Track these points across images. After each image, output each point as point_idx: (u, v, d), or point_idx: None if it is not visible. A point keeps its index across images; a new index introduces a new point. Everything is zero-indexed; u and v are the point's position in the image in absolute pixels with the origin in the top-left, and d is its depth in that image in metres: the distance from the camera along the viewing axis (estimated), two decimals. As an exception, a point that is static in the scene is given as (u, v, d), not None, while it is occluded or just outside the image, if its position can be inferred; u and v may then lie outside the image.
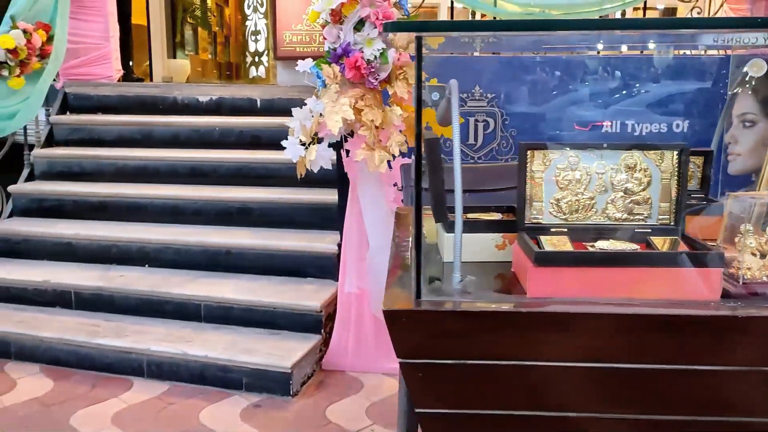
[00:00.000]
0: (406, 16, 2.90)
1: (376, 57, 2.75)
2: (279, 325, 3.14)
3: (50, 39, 3.97)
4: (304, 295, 3.20)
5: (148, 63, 6.80)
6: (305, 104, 2.90)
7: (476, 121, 3.96)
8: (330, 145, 2.83)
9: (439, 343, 0.89)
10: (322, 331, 3.12)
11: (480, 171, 3.09)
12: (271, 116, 4.40)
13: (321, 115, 2.81)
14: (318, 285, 3.32)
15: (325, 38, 2.87)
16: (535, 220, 1.05)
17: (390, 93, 2.80)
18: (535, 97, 4.20)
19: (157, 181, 4.01)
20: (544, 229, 1.04)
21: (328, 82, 2.79)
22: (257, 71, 5.80)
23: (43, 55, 3.94)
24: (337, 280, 3.37)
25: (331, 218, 3.58)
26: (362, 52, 2.76)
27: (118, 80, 4.74)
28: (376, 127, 2.76)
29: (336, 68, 2.79)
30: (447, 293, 0.99)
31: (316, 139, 2.84)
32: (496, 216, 1.28)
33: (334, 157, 2.88)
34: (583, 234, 1.02)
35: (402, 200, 2.80)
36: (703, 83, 4.05)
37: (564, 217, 1.05)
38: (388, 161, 2.78)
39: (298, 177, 2.90)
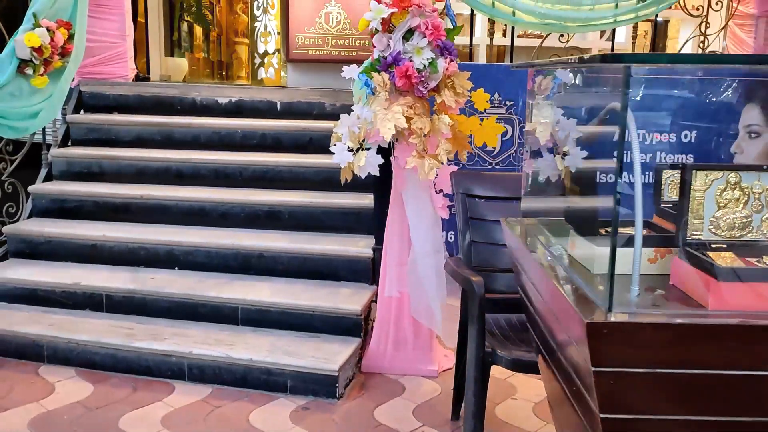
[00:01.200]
0: (453, 26, 2.96)
1: (425, 66, 2.81)
2: (317, 329, 3.17)
3: (71, 37, 3.90)
4: (341, 298, 3.23)
5: (145, 61, 6.73)
6: (352, 110, 2.94)
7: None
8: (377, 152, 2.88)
9: (634, 352, 0.95)
10: (361, 334, 3.16)
11: (514, 179, 3.16)
12: (291, 119, 4.42)
13: (369, 121, 2.86)
14: (353, 288, 3.35)
15: (374, 46, 2.92)
16: (695, 237, 1.12)
17: (438, 101, 2.85)
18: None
19: (181, 182, 3.99)
20: (704, 246, 1.11)
21: (377, 90, 2.83)
22: (266, 72, 5.80)
23: (64, 54, 3.87)
24: (371, 284, 3.43)
25: (363, 222, 3.63)
26: (411, 61, 2.82)
27: (132, 80, 4.69)
28: (425, 135, 2.81)
29: (386, 76, 2.84)
30: (629, 305, 1.06)
31: (364, 146, 2.89)
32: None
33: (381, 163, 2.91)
34: (742, 250, 1.09)
35: (452, 208, 2.85)
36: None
37: (722, 234, 1.12)
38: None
39: (342, 182, 2.94)
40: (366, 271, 3.41)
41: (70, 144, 4.28)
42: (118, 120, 4.32)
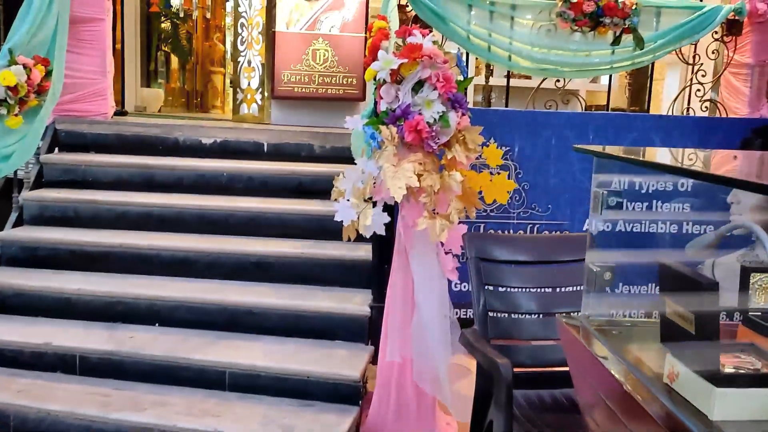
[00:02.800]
0: (464, 77, 2.82)
1: (435, 120, 2.65)
2: (312, 395, 2.94)
3: (48, 74, 3.67)
4: (337, 362, 3.02)
5: (120, 91, 6.48)
6: (355, 163, 2.77)
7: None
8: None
9: None
10: (360, 401, 2.94)
11: (536, 242, 3.01)
12: (279, 161, 4.24)
13: (374, 176, 2.69)
14: (350, 350, 3.14)
15: (381, 97, 2.75)
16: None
17: (448, 157, 2.69)
18: (549, 152, 4.20)
19: (163, 229, 3.75)
20: None
21: (384, 144, 2.66)
22: (249, 108, 5.59)
23: (41, 92, 3.64)
24: (368, 344, 3.22)
25: (359, 275, 3.43)
26: (421, 114, 2.66)
27: (111, 117, 4.45)
28: (434, 193, 2.65)
29: (394, 129, 2.67)
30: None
31: (371, 202, 2.71)
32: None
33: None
34: None
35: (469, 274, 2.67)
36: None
37: None
38: (444, 228, 2.67)
39: (344, 239, 2.75)
40: (363, 331, 3.21)
41: (43, 186, 4.01)
42: (96, 161, 4.06)
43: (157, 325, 3.32)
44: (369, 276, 3.38)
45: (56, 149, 4.18)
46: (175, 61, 8.75)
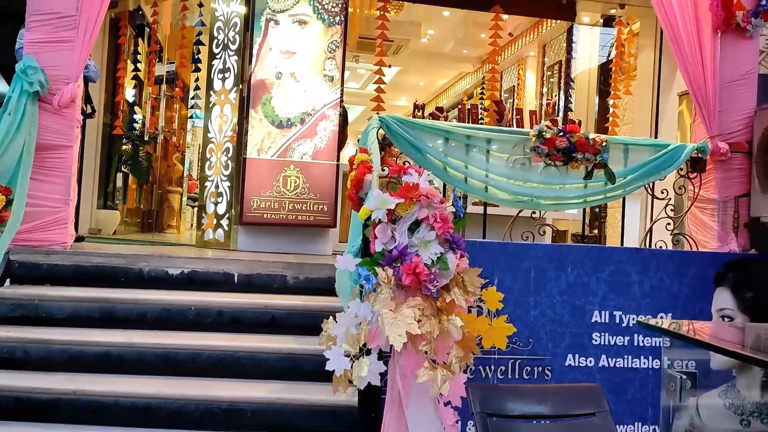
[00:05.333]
0: (461, 217, 2.75)
1: (433, 262, 2.54)
2: None
3: (9, 203, 3.48)
4: None
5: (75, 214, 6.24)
6: (348, 307, 2.60)
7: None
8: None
9: None
10: None
11: (547, 393, 2.83)
12: (250, 293, 4.02)
13: (368, 321, 2.51)
14: None
15: (375, 237, 2.64)
16: None
17: (446, 300, 2.56)
18: (529, 284, 4.14)
19: (123, 371, 3.42)
20: None
21: (381, 288, 2.52)
22: (215, 234, 5.42)
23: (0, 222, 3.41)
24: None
25: (342, 423, 3.16)
26: (419, 255, 2.55)
27: (71, 247, 4.19)
28: (434, 339, 2.48)
29: (390, 272, 2.54)
30: None
31: (365, 350, 2.51)
32: None
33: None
34: None
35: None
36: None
37: None
38: (444, 377, 2.49)
39: (334, 392, 2.52)
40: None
41: (-11, 322, 3.66)
42: (51, 294, 3.75)
43: (112, 487, 2.93)
44: (353, 421, 3.11)
45: (8, 281, 3.86)
46: (132, 180, 8.60)
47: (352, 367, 2.47)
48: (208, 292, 3.97)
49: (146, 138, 7.92)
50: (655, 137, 6.51)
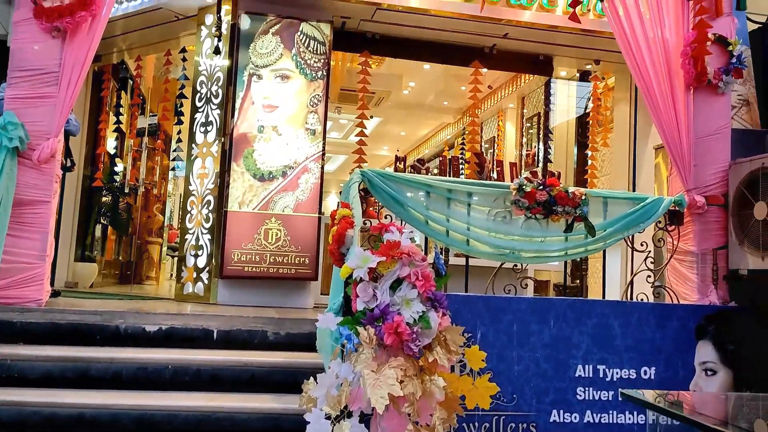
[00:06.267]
0: (443, 275, 2.74)
1: (416, 320, 2.52)
2: None
3: (-17, 260, 3.40)
4: None
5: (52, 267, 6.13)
6: (329, 367, 2.55)
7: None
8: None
9: None
10: None
11: None
12: (229, 350, 3.93)
13: (350, 382, 2.47)
14: None
15: (357, 295, 2.62)
16: None
17: (429, 360, 2.53)
18: (512, 338, 4.10)
19: (96, 434, 3.30)
20: None
21: (362, 347, 2.48)
22: (194, 287, 5.35)
23: (-28, 279, 3.33)
24: None
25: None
26: (401, 314, 2.53)
27: (45, 304, 4.10)
28: (416, 400, 2.44)
29: (372, 331, 2.51)
30: None
31: (346, 413, 2.46)
32: None
33: (364, 433, 2.47)
34: None
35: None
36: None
37: None
38: (428, 439, 2.44)
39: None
40: None
41: (-43, 384, 3.53)
42: (24, 354, 3.64)
43: None
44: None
45: (-22, 340, 3.75)
46: (111, 232, 8.51)
47: (333, 430, 2.41)
48: (187, 349, 3.88)
49: (126, 190, 7.88)
50: (633, 189, 6.61)
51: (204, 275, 5.36)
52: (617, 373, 4.17)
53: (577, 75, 7.48)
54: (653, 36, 4.47)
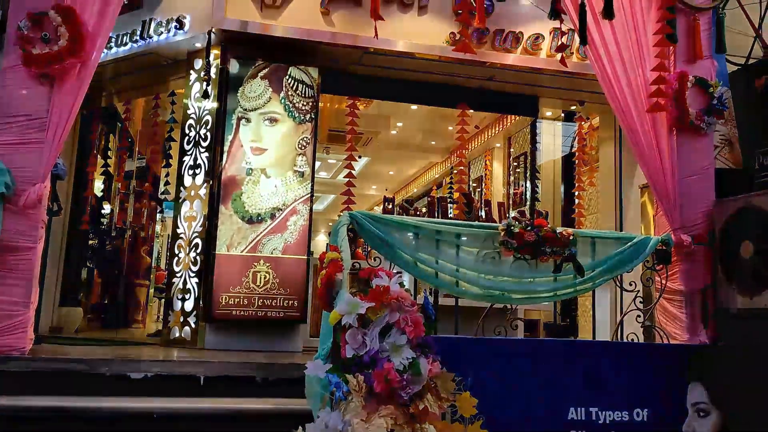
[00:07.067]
0: (432, 320, 2.72)
1: (405, 367, 2.49)
2: None
3: (-34, 308, 3.34)
4: None
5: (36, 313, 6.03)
6: (318, 416, 2.51)
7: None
8: (350, 470, 2.40)
9: None
10: None
11: None
12: (217, 397, 3.86)
13: (339, 431, 2.42)
14: None
15: (346, 342, 2.59)
16: None
17: (419, 407, 2.49)
18: (505, 380, 4.06)
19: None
20: None
21: (351, 396, 2.44)
22: (181, 332, 5.27)
23: (-46, 328, 3.27)
24: None
25: None
26: (390, 361, 2.50)
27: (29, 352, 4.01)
28: (407, 450, 2.40)
29: (361, 379, 2.47)
30: None
31: (336, 464, 2.41)
32: None
33: (354, 485, 2.41)
34: None
35: None
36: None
37: None
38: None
39: None
40: None
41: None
42: (6, 405, 3.56)
43: None
44: None
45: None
46: (97, 275, 8.41)
47: (322, 482, 2.36)
48: (173, 397, 3.81)
49: (113, 233, 7.83)
50: (620, 228, 6.66)
51: (191, 319, 5.30)
52: (610, 415, 4.11)
53: (563, 115, 7.60)
54: (635, 78, 4.56)
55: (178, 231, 5.63)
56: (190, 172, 5.67)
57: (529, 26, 6.03)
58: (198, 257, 5.42)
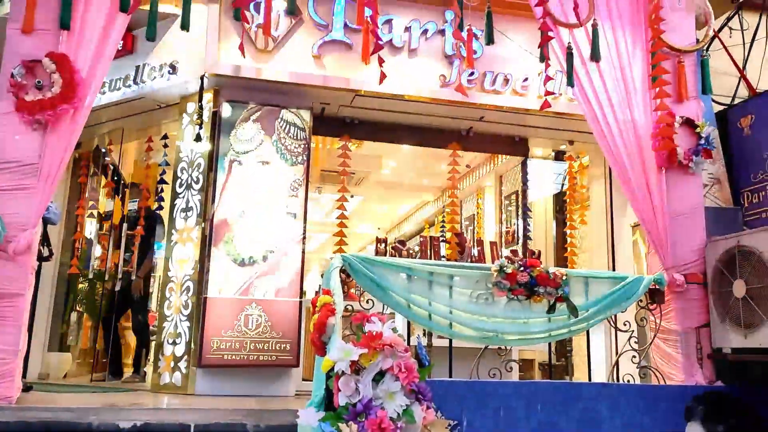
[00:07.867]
0: (426, 365, 2.69)
1: (399, 415, 2.46)
2: None
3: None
4: None
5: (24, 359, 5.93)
6: (311, 466, 2.46)
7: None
8: None
9: None
10: None
11: None
12: (207, 446, 3.78)
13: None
14: None
15: (339, 389, 2.55)
16: None
17: (414, 456, 2.45)
18: (498, 423, 4.00)
19: None
20: None
21: (345, 447, 2.40)
22: (171, 377, 5.18)
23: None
24: None
25: None
26: (384, 409, 2.46)
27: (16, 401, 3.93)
28: (402, 501, 2.34)
29: (354, 427, 2.43)
30: None
31: None
32: None
33: None
34: None
35: None
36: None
37: None
38: None
39: None
40: None
41: None
42: (-10, 457, 3.47)
43: None
44: None
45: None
46: (87, 319, 8.29)
47: None
48: (162, 446, 3.73)
49: (106, 276, 7.74)
50: (613, 267, 6.66)
51: (182, 364, 5.21)
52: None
53: (552, 154, 7.66)
54: (623, 118, 4.63)
55: (169, 274, 5.59)
56: (182, 214, 5.66)
57: (518, 68, 6.13)
58: (189, 300, 5.36)
